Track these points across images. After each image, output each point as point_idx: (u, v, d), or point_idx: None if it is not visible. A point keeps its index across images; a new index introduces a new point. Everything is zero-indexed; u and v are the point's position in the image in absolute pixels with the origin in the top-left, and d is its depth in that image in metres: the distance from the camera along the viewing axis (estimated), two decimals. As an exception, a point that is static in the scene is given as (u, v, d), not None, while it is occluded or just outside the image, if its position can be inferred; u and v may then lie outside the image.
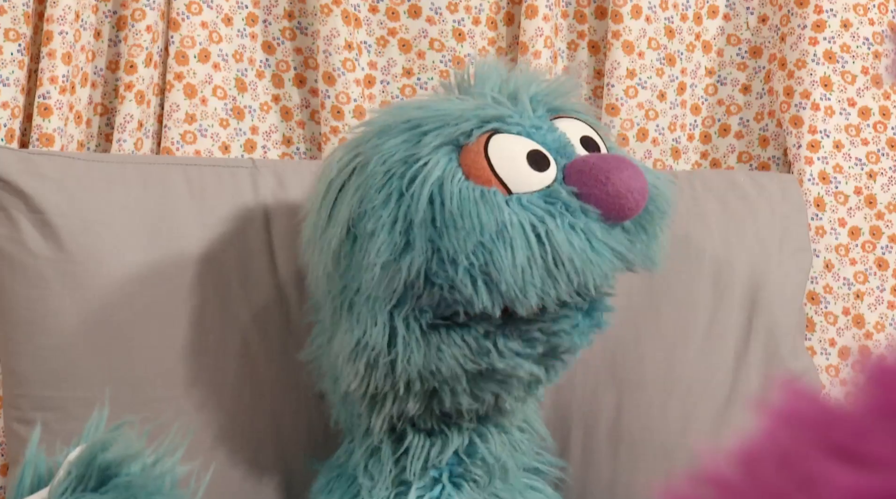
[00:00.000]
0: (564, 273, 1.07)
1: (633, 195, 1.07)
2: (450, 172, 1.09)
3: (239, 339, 1.36)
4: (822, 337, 1.65)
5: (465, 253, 1.07)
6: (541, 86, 1.18)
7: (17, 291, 1.34)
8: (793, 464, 0.50)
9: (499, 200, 1.08)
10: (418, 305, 1.10)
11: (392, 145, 1.13)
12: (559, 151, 1.13)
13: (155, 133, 1.61)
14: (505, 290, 1.07)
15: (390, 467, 1.21)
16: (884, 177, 1.66)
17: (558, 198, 1.09)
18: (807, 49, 1.65)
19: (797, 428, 0.52)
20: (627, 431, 1.42)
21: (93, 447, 0.98)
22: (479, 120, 1.12)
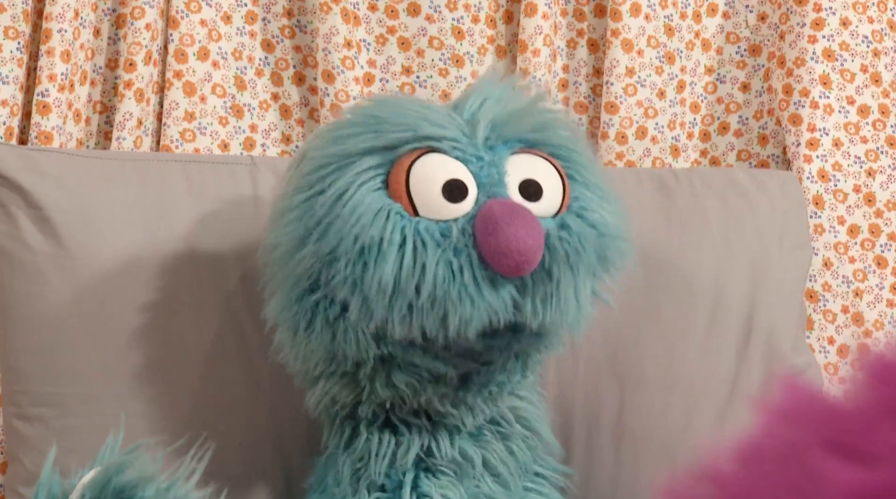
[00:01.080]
0: (427, 308, 1.05)
1: (513, 255, 1.02)
2: (365, 178, 1.09)
3: (237, 335, 1.36)
4: (820, 335, 1.65)
5: (346, 259, 1.07)
6: (516, 115, 1.15)
7: (15, 287, 1.34)
8: (793, 460, 0.51)
9: (392, 217, 1.07)
10: (329, 296, 1.11)
11: (337, 137, 1.14)
12: (487, 187, 1.10)
13: (154, 131, 1.61)
14: (373, 306, 1.07)
15: (350, 471, 1.21)
16: (883, 175, 1.67)
17: (451, 234, 1.06)
18: (806, 47, 1.65)
19: (797, 424, 0.52)
20: (629, 428, 1.42)
21: (108, 470, 0.98)
22: (416, 135, 1.11)
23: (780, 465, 0.52)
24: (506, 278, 1.05)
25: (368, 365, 1.15)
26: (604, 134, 1.65)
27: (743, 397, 1.44)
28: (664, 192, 1.51)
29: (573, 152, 1.18)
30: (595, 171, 1.19)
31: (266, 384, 1.37)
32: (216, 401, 1.36)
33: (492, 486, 1.22)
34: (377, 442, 1.19)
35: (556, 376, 1.42)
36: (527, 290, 1.06)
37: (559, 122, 1.20)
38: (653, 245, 1.46)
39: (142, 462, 0.99)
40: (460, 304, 1.04)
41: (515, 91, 1.19)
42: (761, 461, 0.53)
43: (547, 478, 1.29)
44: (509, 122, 1.15)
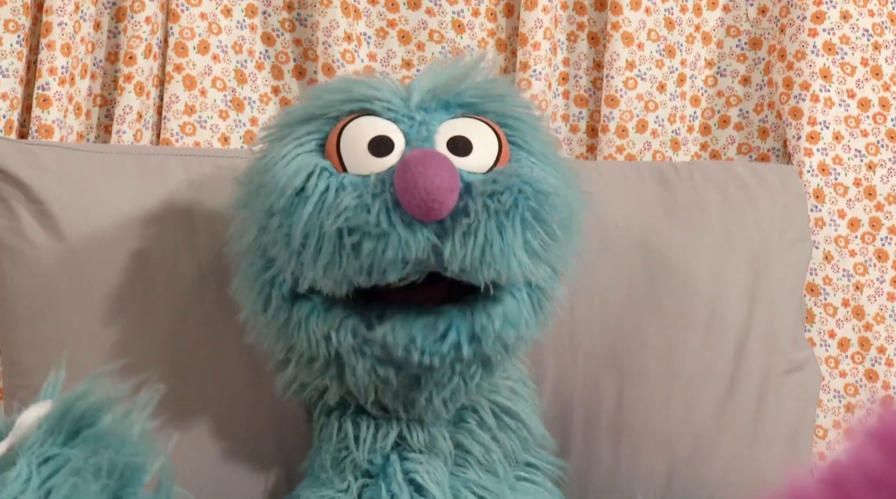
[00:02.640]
0: (346, 253, 1.06)
1: (419, 192, 1.02)
2: (300, 142, 1.13)
3: (238, 328, 1.36)
4: (821, 328, 1.65)
5: (277, 214, 1.10)
6: (453, 80, 1.17)
7: (16, 281, 1.34)
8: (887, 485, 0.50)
9: (318, 172, 1.10)
10: (281, 270, 1.13)
11: (285, 110, 1.20)
12: (414, 143, 1.12)
13: (154, 124, 1.61)
14: (299, 257, 1.09)
15: (330, 457, 1.22)
16: (883, 168, 1.66)
17: (368, 182, 1.08)
18: (806, 40, 1.65)
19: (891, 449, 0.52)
20: (628, 420, 1.42)
21: (69, 397, 0.98)
22: (348, 97, 1.15)
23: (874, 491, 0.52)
24: (423, 223, 1.05)
25: (319, 361, 1.16)
26: (604, 127, 1.65)
27: (742, 390, 1.44)
28: (664, 185, 1.51)
29: (521, 122, 1.19)
30: (545, 143, 1.20)
31: (267, 376, 1.36)
32: (217, 393, 1.36)
33: (480, 474, 1.22)
34: (353, 430, 1.21)
35: (554, 369, 1.42)
36: (446, 233, 1.06)
37: (509, 94, 1.22)
38: (653, 239, 1.46)
39: (101, 390, 0.99)
40: (376, 242, 1.05)
41: (467, 64, 1.20)
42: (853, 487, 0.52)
43: (540, 468, 1.29)
44: (448, 86, 1.17)
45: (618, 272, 1.44)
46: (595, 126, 1.69)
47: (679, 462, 1.41)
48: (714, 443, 1.42)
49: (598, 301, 1.43)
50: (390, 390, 1.16)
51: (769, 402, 1.45)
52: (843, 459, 0.53)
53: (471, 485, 1.21)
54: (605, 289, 1.43)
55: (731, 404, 1.43)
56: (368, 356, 1.12)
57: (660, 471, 1.41)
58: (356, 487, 1.20)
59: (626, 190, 1.49)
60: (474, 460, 1.22)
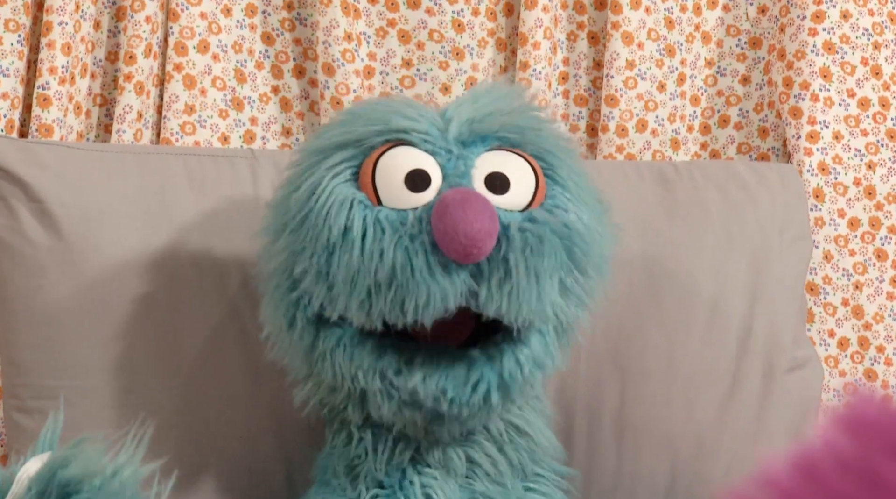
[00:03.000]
0: (384, 290, 1.06)
1: (459, 238, 1.02)
2: (336, 171, 1.11)
3: (238, 328, 1.36)
4: (821, 328, 1.65)
5: (313, 249, 1.09)
6: (497, 114, 1.16)
7: (16, 280, 1.34)
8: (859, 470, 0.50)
9: (356, 207, 1.08)
10: (307, 293, 1.12)
11: (317, 134, 1.18)
12: (452, 178, 1.10)
13: (154, 124, 1.61)
14: (336, 293, 1.08)
15: (343, 465, 1.21)
16: (883, 168, 1.67)
17: (407, 221, 1.07)
18: (806, 40, 1.65)
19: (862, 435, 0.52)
20: (631, 420, 1.42)
21: (53, 464, 0.98)
22: (386, 127, 1.13)
23: (845, 475, 0.52)
24: (460, 265, 1.05)
25: (342, 391, 1.16)
26: (604, 127, 1.65)
27: (744, 389, 1.44)
28: (665, 185, 1.51)
29: (557, 157, 1.18)
30: (579, 178, 1.18)
31: (267, 377, 1.37)
32: (217, 394, 1.36)
33: (487, 485, 1.22)
34: (372, 440, 1.20)
35: (557, 369, 1.42)
36: (482, 275, 1.06)
37: (546, 128, 1.20)
38: (653, 238, 1.46)
39: (87, 455, 0.99)
40: (415, 287, 1.05)
41: (505, 94, 1.19)
42: (824, 471, 0.52)
43: (548, 478, 1.28)
44: (487, 119, 1.15)
45: (619, 272, 1.43)
46: (595, 125, 1.69)
47: (681, 461, 1.41)
48: (716, 442, 1.42)
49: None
50: (412, 426, 1.16)
51: (771, 400, 1.45)
52: (814, 444, 0.54)
53: (478, 497, 1.21)
54: (605, 288, 1.43)
55: (734, 403, 1.43)
56: (396, 400, 1.12)
57: (662, 470, 1.41)
58: (368, 496, 1.19)
59: (626, 189, 1.49)
60: (482, 471, 1.22)
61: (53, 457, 0.99)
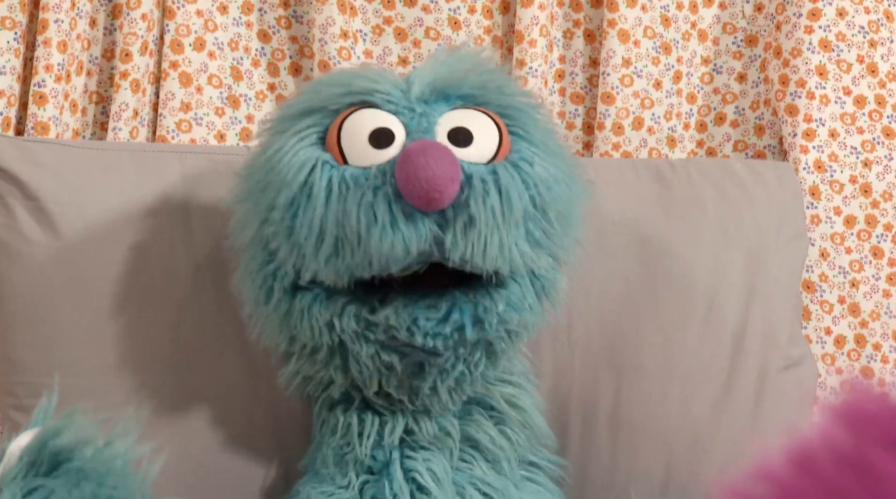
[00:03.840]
0: (349, 246, 1.07)
1: (420, 183, 1.03)
2: (301, 135, 1.13)
3: (235, 325, 1.36)
4: (817, 326, 1.65)
5: (280, 211, 1.10)
6: (454, 73, 1.17)
7: (12, 278, 1.34)
8: (854, 462, 0.50)
9: (320, 166, 1.10)
10: (283, 263, 1.13)
11: (284, 104, 1.20)
12: (415, 134, 1.12)
13: (150, 122, 1.61)
14: (304, 252, 1.10)
15: (333, 453, 1.22)
16: (879, 165, 1.67)
17: (369, 175, 1.08)
18: (802, 38, 1.65)
19: (857, 426, 0.52)
20: (627, 417, 1.42)
21: (44, 434, 0.98)
22: (348, 90, 1.15)
23: (840, 467, 0.52)
24: (424, 213, 1.05)
25: (322, 351, 1.17)
26: (600, 124, 1.65)
27: (739, 387, 1.44)
28: (661, 182, 1.51)
29: (522, 112, 1.19)
30: (546, 133, 1.19)
31: (264, 372, 1.36)
32: (215, 388, 1.36)
33: (485, 470, 1.22)
34: (358, 424, 1.20)
35: (552, 366, 1.42)
36: (448, 224, 1.06)
37: (509, 85, 1.22)
38: (650, 235, 1.46)
39: (78, 425, 0.99)
40: (378, 237, 1.05)
41: (467, 56, 1.20)
42: (819, 464, 0.52)
43: (542, 468, 1.29)
44: (449, 78, 1.17)
45: (615, 269, 1.44)
46: (591, 123, 1.69)
47: (677, 459, 1.42)
48: (711, 439, 1.42)
49: (595, 298, 1.43)
50: (394, 377, 1.16)
51: (767, 398, 1.45)
52: (810, 437, 0.54)
53: (476, 482, 1.21)
54: (602, 286, 1.43)
55: (729, 401, 1.43)
56: (372, 341, 1.12)
57: (657, 467, 1.41)
58: (357, 483, 1.20)
59: (622, 187, 1.49)
60: (480, 454, 1.22)
61: (45, 427, 0.99)
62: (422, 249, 1.06)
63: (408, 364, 1.15)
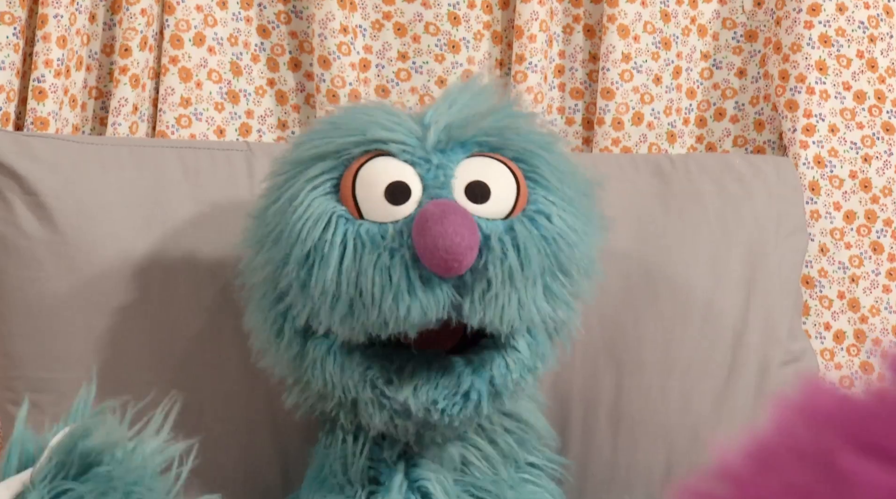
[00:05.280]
0: (364, 308, 1.05)
1: (439, 253, 1.01)
2: (316, 184, 1.10)
3: (234, 322, 1.36)
4: (816, 321, 1.65)
5: (294, 264, 1.08)
6: (471, 118, 1.14)
7: (11, 273, 1.34)
8: (816, 460, 0.50)
9: (335, 221, 1.08)
10: (294, 304, 1.12)
11: (296, 144, 1.16)
12: (432, 190, 1.10)
13: (150, 117, 1.61)
14: (317, 306, 1.08)
15: (340, 463, 1.21)
16: (879, 161, 1.67)
17: (386, 235, 1.06)
18: (802, 33, 1.65)
19: (819, 424, 0.51)
20: (627, 412, 1.42)
21: (74, 434, 0.97)
22: (364, 138, 1.12)
23: (801, 465, 0.51)
24: (442, 278, 1.04)
25: (334, 399, 1.15)
26: (600, 120, 1.65)
27: (739, 381, 1.44)
28: (661, 177, 1.51)
29: (538, 156, 1.16)
30: (563, 175, 1.17)
31: (263, 373, 1.36)
32: (212, 388, 1.35)
33: (479, 476, 1.22)
34: (362, 443, 1.19)
35: (552, 361, 1.42)
36: (466, 289, 1.05)
37: (526, 125, 1.19)
38: (650, 231, 1.46)
39: (108, 425, 0.98)
40: (395, 304, 1.04)
41: (481, 95, 1.17)
42: (779, 461, 0.52)
43: (542, 468, 1.28)
44: (466, 125, 1.14)
45: (614, 264, 1.44)
46: (591, 118, 1.69)
47: (677, 453, 1.41)
48: (712, 434, 1.42)
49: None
50: (404, 432, 1.15)
51: (766, 393, 1.45)
52: (768, 433, 0.53)
53: (470, 488, 1.21)
54: (601, 281, 1.43)
55: (729, 396, 1.43)
56: (387, 409, 1.11)
57: (658, 462, 1.41)
58: (363, 494, 1.19)
59: (622, 182, 1.49)
60: (472, 463, 1.22)
61: (74, 427, 0.98)
62: (440, 315, 1.05)
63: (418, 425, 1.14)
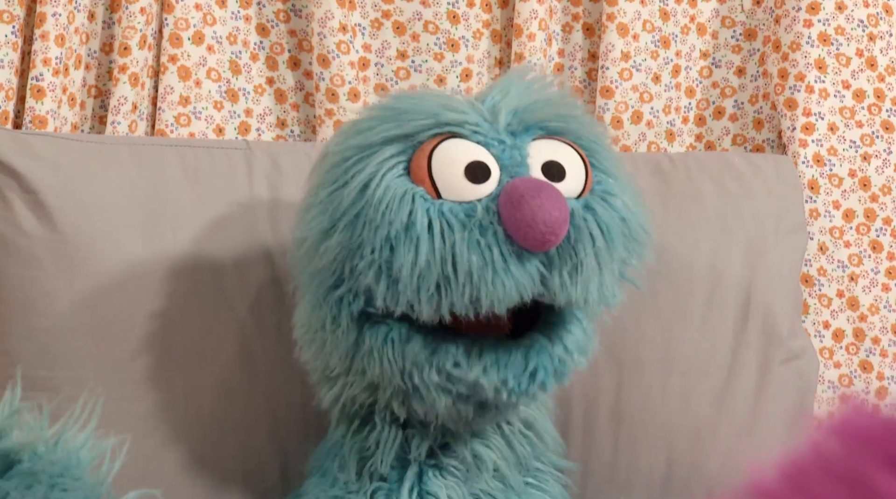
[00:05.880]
0: (458, 285, 1.04)
1: (538, 226, 1.01)
2: (388, 166, 1.09)
3: (233, 320, 1.36)
4: (815, 319, 1.65)
5: (373, 245, 1.07)
6: (539, 104, 1.15)
7: (10, 271, 1.34)
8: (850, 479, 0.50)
9: (418, 201, 1.07)
10: (353, 289, 1.11)
11: (358, 130, 1.14)
12: (510, 169, 1.09)
13: (149, 115, 1.61)
14: (402, 288, 1.06)
15: (356, 458, 1.21)
16: (878, 159, 1.67)
17: (475, 213, 1.05)
18: (801, 31, 1.65)
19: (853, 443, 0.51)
20: (627, 411, 1.42)
21: None
22: (437, 121, 1.11)
23: (835, 485, 0.51)
24: (532, 253, 1.04)
25: (389, 389, 1.14)
26: (599, 118, 1.65)
27: (740, 380, 1.44)
28: (660, 176, 1.51)
29: (595, 143, 1.18)
30: (617, 162, 1.19)
31: (262, 369, 1.37)
32: (211, 386, 1.35)
33: (490, 482, 1.22)
34: (388, 433, 1.19)
35: (552, 360, 1.41)
36: (553, 264, 1.05)
37: (584, 116, 1.20)
38: (649, 229, 1.46)
39: (26, 425, 0.97)
40: (492, 282, 1.04)
41: (539, 83, 1.18)
42: (813, 481, 0.52)
43: (547, 473, 1.28)
44: (531, 109, 1.14)
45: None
46: (590, 117, 1.69)
47: (678, 453, 1.42)
48: (712, 433, 1.42)
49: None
50: (456, 419, 1.15)
51: (767, 391, 1.45)
52: (803, 452, 0.53)
53: (478, 493, 1.21)
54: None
55: (730, 394, 1.43)
56: (453, 394, 1.10)
57: (659, 462, 1.41)
58: (370, 489, 1.19)
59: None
60: (485, 467, 1.22)
61: None
62: (535, 291, 1.05)
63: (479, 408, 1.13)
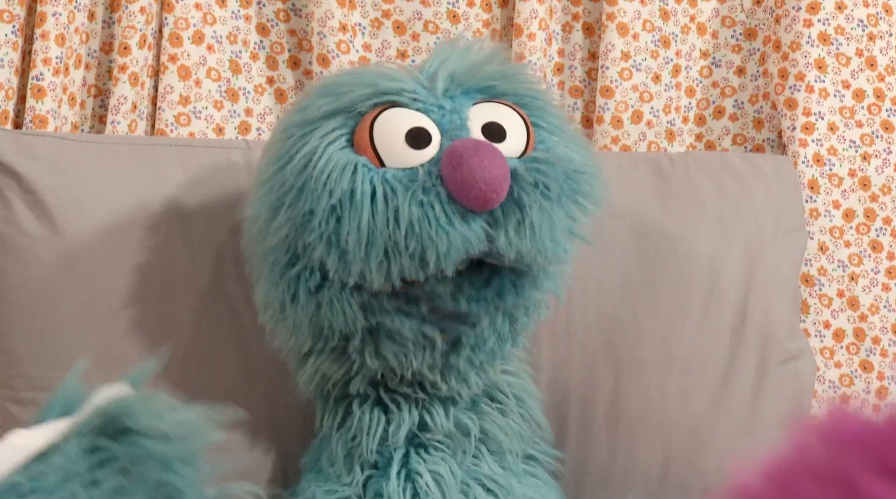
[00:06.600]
0: (404, 247, 1.06)
1: (478, 184, 1.03)
2: (330, 138, 1.11)
3: (233, 318, 1.36)
4: (815, 319, 1.65)
5: (320, 217, 1.08)
6: (472, 67, 1.17)
7: (10, 271, 1.34)
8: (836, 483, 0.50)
9: (360, 170, 1.08)
10: (309, 265, 1.12)
11: (301, 107, 1.17)
12: (450, 132, 1.11)
13: (149, 115, 1.61)
14: (351, 257, 1.08)
15: (344, 451, 1.21)
16: (878, 159, 1.67)
17: (417, 176, 1.07)
18: (801, 31, 1.65)
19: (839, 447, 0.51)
20: (625, 410, 1.42)
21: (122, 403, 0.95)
22: (375, 91, 1.13)
23: (820, 488, 0.51)
24: (476, 213, 1.06)
25: (357, 337, 1.16)
26: (599, 118, 1.65)
27: (738, 380, 1.44)
28: (660, 176, 1.51)
29: (536, 100, 1.19)
30: (559, 118, 1.20)
31: (261, 369, 1.37)
32: (212, 386, 1.36)
33: (492, 466, 1.22)
34: (369, 419, 1.20)
35: (550, 358, 1.42)
36: (498, 222, 1.07)
37: (522, 75, 1.22)
38: (649, 229, 1.46)
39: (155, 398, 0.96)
40: (436, 238, 1.05)
41: (472, 48, 1.20)
42: (799, 484, 0.52)
43: (540, 461, 1.29)
44: (468, 72, 1.16)
45: (613, 262, 1.44)
46: (590, 117, 1.69)
47: (675, 452, 1.42)
48: (710, 433, 1.42)
49: (593, 291, 1.43)
50: (430, 355, 1.16)
51: (765, 392, 1.45)
52: (789, 455, 0.53)
53: (481, 477, 1.21)
54: (600, 279, 1.43)
55: (727, 394, 1.43)
56: (415, 317, 1.13)
57: (656, 461, 1.41)
58: (362, 478, 1.19)
59: (621, 180, 1.49)
60: (487, 448, 1.22)
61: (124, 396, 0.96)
62: (481, 247, 1.07)
63: (445, 340, 1.15)
